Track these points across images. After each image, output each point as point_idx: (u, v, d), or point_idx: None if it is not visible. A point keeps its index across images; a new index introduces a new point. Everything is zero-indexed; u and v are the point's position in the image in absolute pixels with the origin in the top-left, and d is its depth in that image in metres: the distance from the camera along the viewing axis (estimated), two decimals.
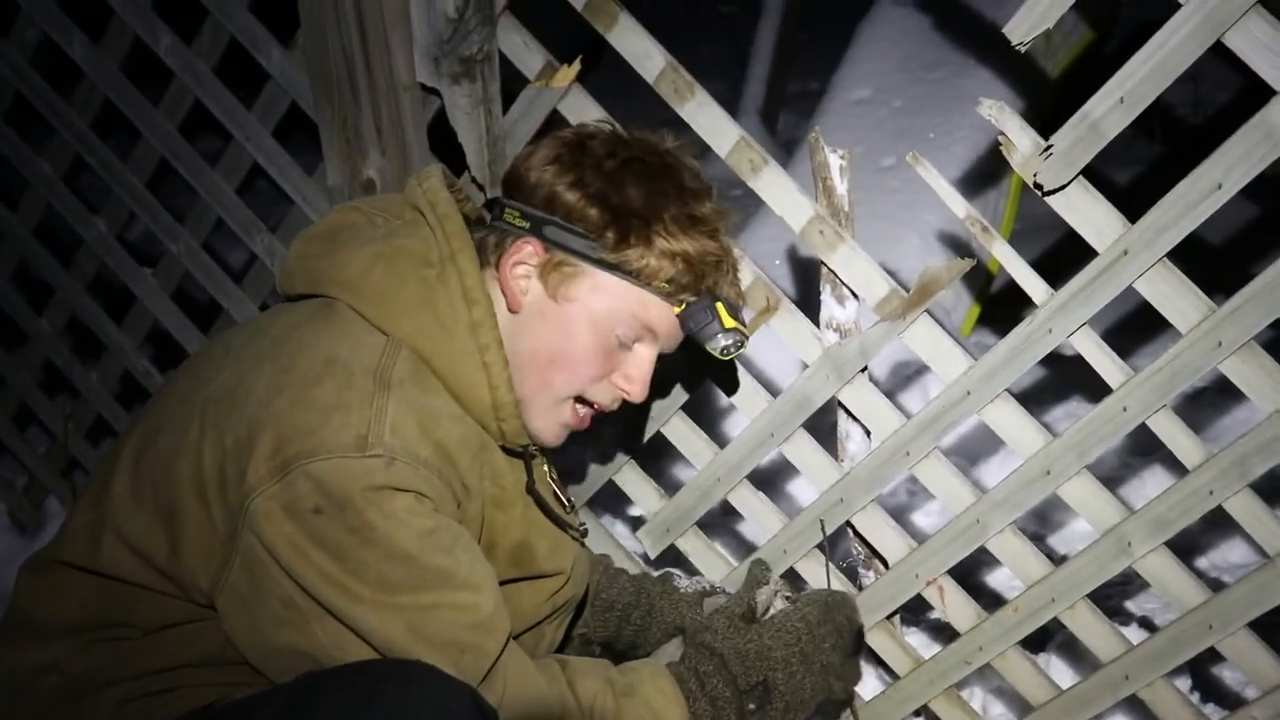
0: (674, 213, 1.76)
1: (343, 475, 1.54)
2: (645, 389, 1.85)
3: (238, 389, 1.64)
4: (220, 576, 1.59)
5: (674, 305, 1.79)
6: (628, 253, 1.74)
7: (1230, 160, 1.71)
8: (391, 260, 1.75)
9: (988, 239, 1.96)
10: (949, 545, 2.12)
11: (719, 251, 1.80)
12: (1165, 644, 1.97)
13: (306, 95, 2.46)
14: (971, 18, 4.34)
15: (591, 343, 1.77)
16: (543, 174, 1.79)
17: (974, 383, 2.00)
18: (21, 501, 3.66)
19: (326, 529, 1.54)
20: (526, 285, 1.78)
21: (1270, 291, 1.73)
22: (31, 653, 1.70)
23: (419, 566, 1.57)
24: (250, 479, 1.55)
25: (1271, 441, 1.79)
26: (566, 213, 1.76)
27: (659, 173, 1.79)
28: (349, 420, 1.57)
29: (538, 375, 1.78)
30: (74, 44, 2.85)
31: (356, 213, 1.85)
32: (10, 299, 3.37)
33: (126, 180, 2.93)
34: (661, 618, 2.14)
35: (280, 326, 1.75)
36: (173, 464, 1.62)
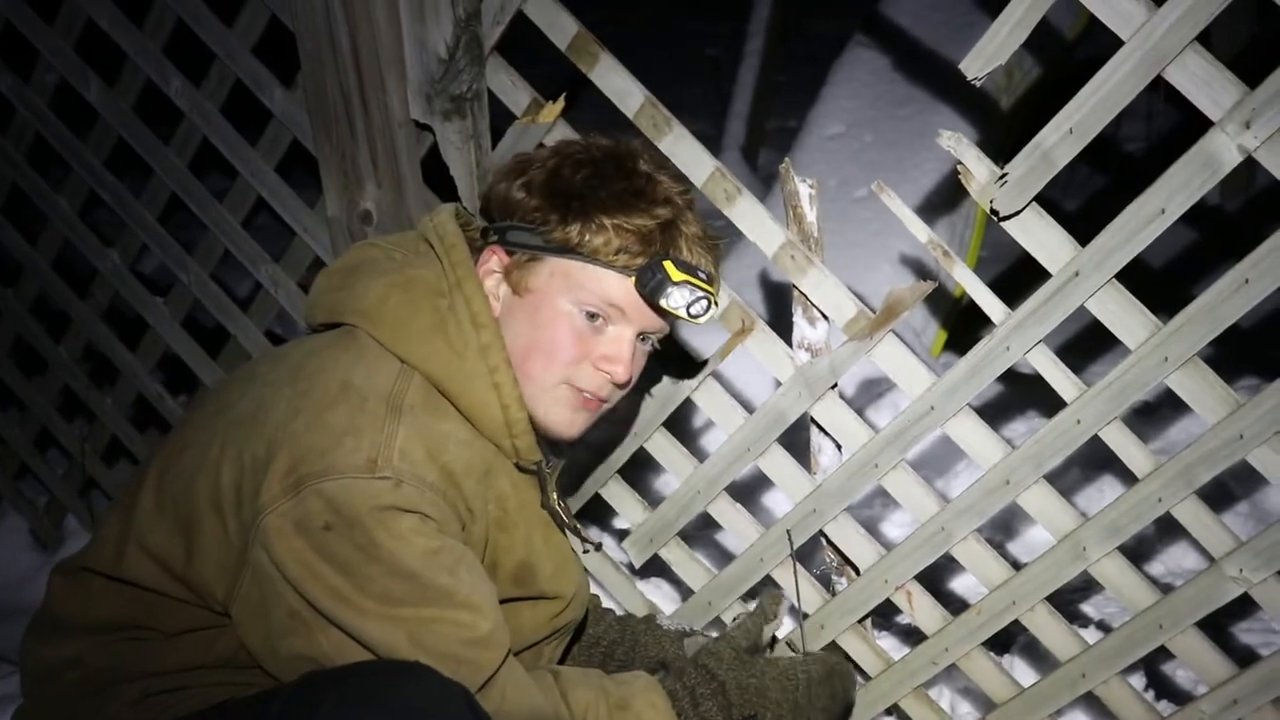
0: (614, 188, 1.74)
1: (352, 495, 1.55)
2: (628, 369, 1.80)
3: (258, 411, 1.65)
4: (234, 587, 1.60)
5: (628, 275, 1.74)
6: (570, 230, 1.72)
7: (1172, 187, 1.74)
8: (406, 290, 1.75)
9: (949, 263, 1.97)
10: (916, 551, 2.12)
11: (666, 215, 1.76)
12: (1119, 643, 1.98)
13: (307, 132, 2.47)
14: (937, 58, 4.36)
15: (558, 325, 1.75)
16: (498, 187, 1.81)
17: (937, 398, 2.01)
18: (42, 520, 3.66)
19: (335, 545, 1.54)
20: (497, 290, 1.78)
21: (1211, 310, 1.75)
22: (59, 648, 1.71)
23: (421, 584, 1.57)
24: (264, 496, 1.55)
25: (1215, 451, 1.81)
26: (518, 212, 1.76)
27: (601, 158, 1.78)
28: (360, 444, 1.58)
29: (520, 369, 1.76)
30: (90, 87, 2.87)
31: (375, 248, 1.86)
32: (30, 328, 3.37)
33: (139, 214, 2.94)
34: (645, 653, 2.12)
35: (301, 353, 1.75)
36: (194, 480, 1.63)
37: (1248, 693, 1.90)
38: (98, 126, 2.92)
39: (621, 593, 2.50)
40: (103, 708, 1.66)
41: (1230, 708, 1.92)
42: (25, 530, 3.70)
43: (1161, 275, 4.24)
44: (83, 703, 1.68)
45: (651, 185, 1.77)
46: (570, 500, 2.44)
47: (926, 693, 2.25)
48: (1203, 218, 5.05)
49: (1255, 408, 1.76)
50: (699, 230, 1.81)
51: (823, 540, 2.27)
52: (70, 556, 1.79)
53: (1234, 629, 2.65)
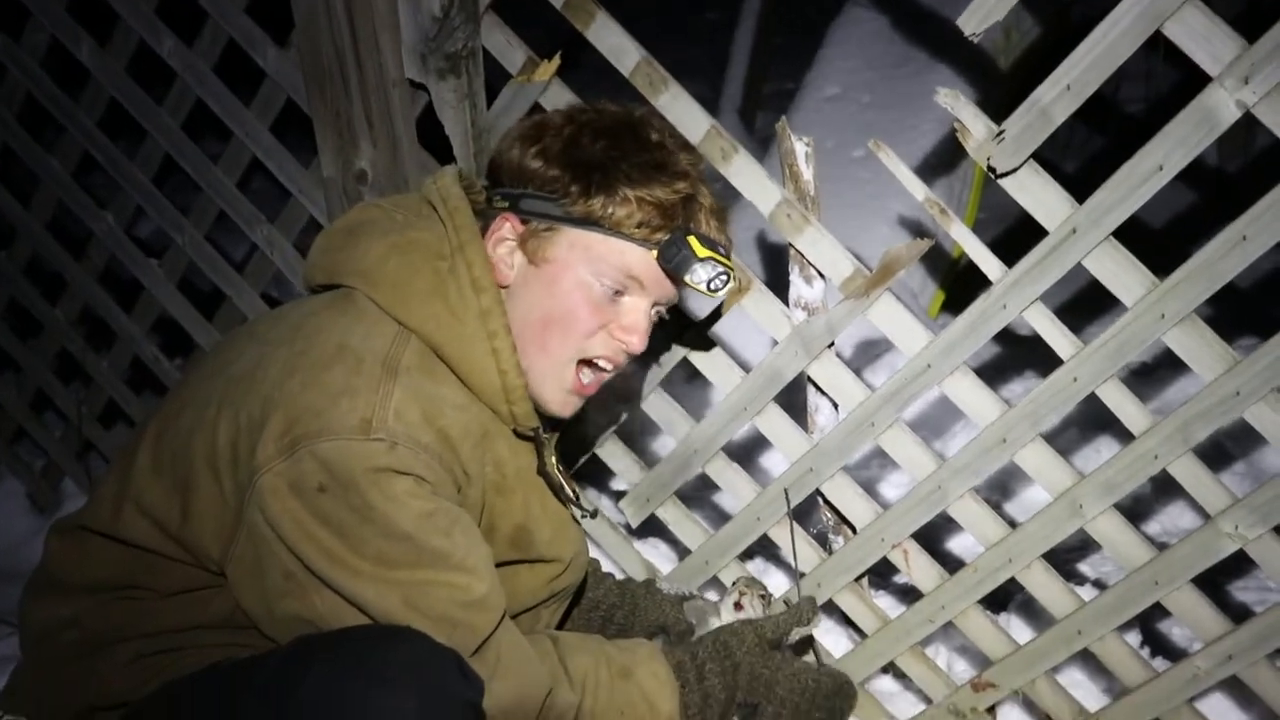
0: (635, 159, 1.73)
1: (347, 456, 1.54)
2: (644, 339, 1.80)
3: (255, 370, 1.64)
4: (229, 547, 1.59)
5: (649, 248, 1.74)
6: (593, 203, 1.71)
7: (1170, 143, 1.73)
8: (406, 252, 1.74)
9: (946, 221, 1.96)
10: (913, 510, 2.13)
11: (686, 189, 1.76)
12: (1115, 600, 1.99)
13: (301, 92, 2.46)
14: (934, 19, 4.34)
15: (577, 296, 1.74)
16: (510, 153, 1.78)
17: (934, 356, 2.01)
18: (39, 483, 3.66)
19: (329, 506, 1.54)
20: (511, 259, 1.77)
21: (1209, 267, 1.75)
22: (55, 608, 1.71)
23: (416, 545, 1.57)
24: (259, 456, 1.55)
25: (1212, 408, 1.81)
26: (535, 180, 1.74)
27: (617, 127, 1.77)
28: (356, 404, 1.57)
29: (535, 341, 1.76)
30: (82, 47, 2.85)
31: (376, 209, 1.84)
32: (26, 291, 3.36)
33: (133, 176, 2.93)
34: (644, 617, 2.14)
35: (299, 314, 1.75)
36: (191, 439, 1.62)
37: (1243, 648, 1.91)
38: (90, 87, 2.91)
39: (619, 553, 2.51)
40: (97, 668, 1.67)
41: (1225, 663, 1.93)
42: (22, 493, 3.71)
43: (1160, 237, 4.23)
44: (79, 663, 1.68)
45: (670, 157, 1.77)
46: (569, 462, 2.43)
47: (923, 650, 2.26)
48: (1201, 178, 5.05)
49: (1252, 364, 1.76)
50: (714, 202, 1.81)
51: (820, 499, 2.27)
52: (67, 515, 1.79)
53: (1230, 587, 2.67)
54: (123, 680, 1.66)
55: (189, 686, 1.62)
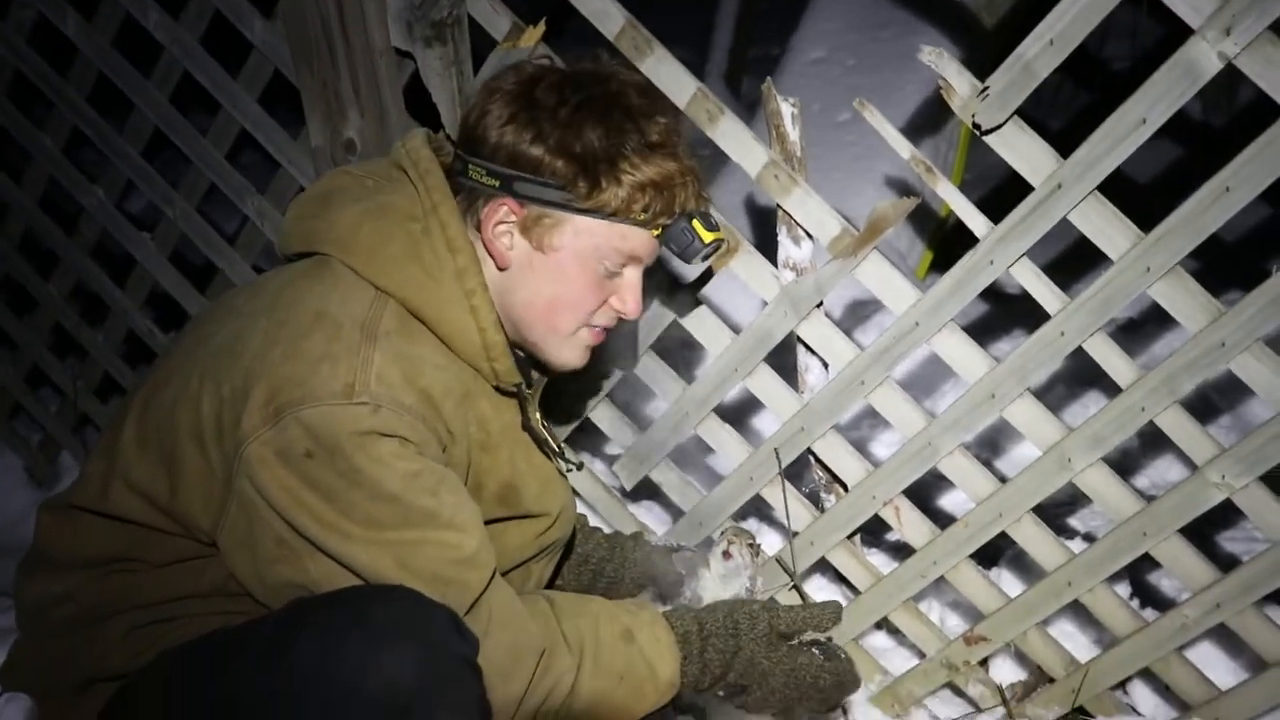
0: (633, 144, 1.72)
1: (331, 421, 1.55)
2: (640, 306, 1.84)
3: (235, 343, 1.64)
4: (220, 518, 1.60)
5: (651, 230, 1.76)
6: (602, 196, 1.71)
7: (1153, 96, 1.73)
8: (379, 217, 1.74)
9: (932, 179, 1.96)
10: (903, 467, 2.13)
11: (683, 170, 1.76)
12: (1104, 551, 2.00)
13: (288, 63, 2.45)
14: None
15: (584, 280, 1.76)
16: (502, 135, 1.73)
17: (922, 314, 2.01)
18: (37, 457, 3.66)
19: (317, 472, 1.55)
20: (510, 241, 1.76)
21: (1193, 219, 1.75)
22: (48, 584, 1.72)
23: (404, 506, 1.58)
24: (245, 426, 1.55)
25: (1198, 359, 1.81)
26: (534, 167, 1.72)
27: (608, 105, 1.74)
28: (337, 370, 1.58)
29: (542, 321, 1.78)
30: (68, 22, 2.83)
31: (347, 176, 1.84)
32: (19, 267, 3.36)
33: (123, 150, 2.92)
34: (634, 570, 2.14)
35: (276, 284, 1.75)
36: (174, 413, 1.62)
37: (1230, 596, 1.92)
38: (77, 62, 2.89)
39: (613, 515, 2.51)
40: (93, 641, 1.67)
41: (1213, 611, 1.94)
42: (20, 468, 3.71)
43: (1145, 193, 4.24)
44: (74, 637, 1.69)
45: (665, 132, 1.76)
46: (559, 426, 2.44)
47: (916, 606, 2.26)
48: (1186, 133, 5.05)
49: (1237, 315, 1.76)
50: (697, 168, 1.81)
51: (811, 458, 2.27)
52: (57, 494, 1.80)
53: (1217, 538, 2.68)
54: (119, 652, 1.66)
55: (185, 655, 1.63)
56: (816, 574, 2.48)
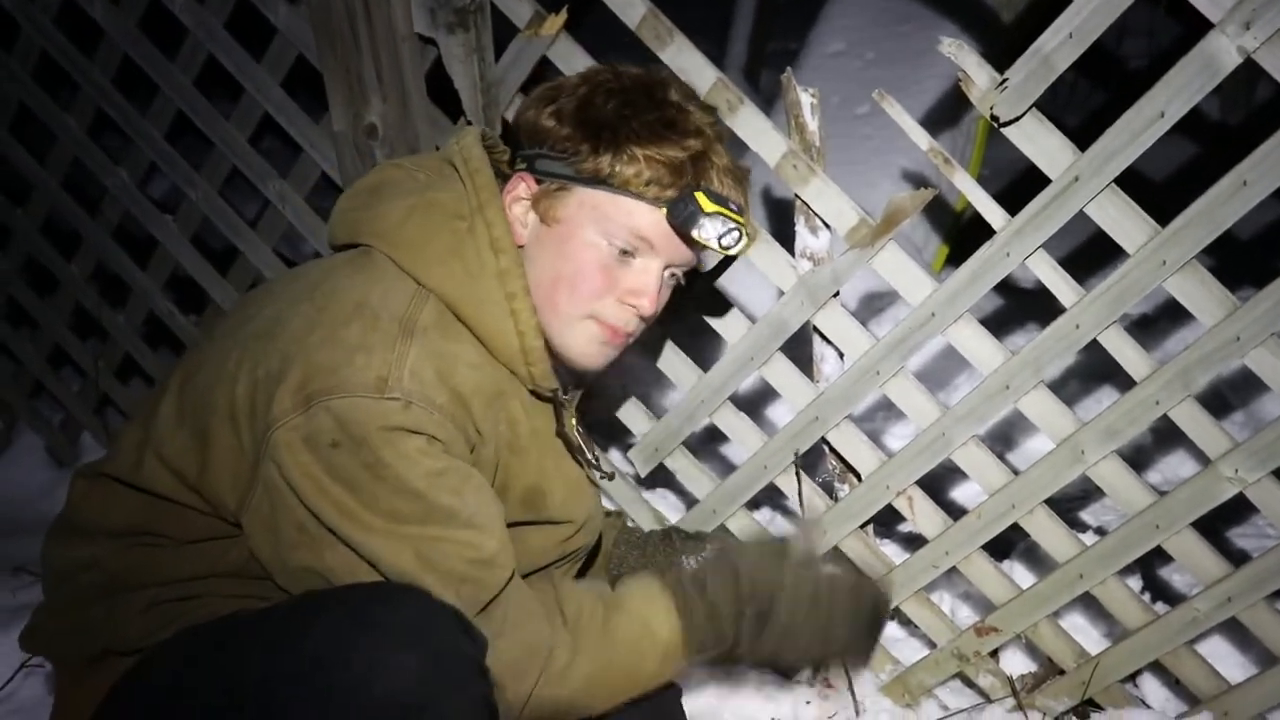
0: (646, 118, 1.71)
1: (361, 414, 1.54)
2: (654, 302, 1.77)
3: (275, 326, 1.64)
4: (246, 499, 1.60)
5: (658, 206, 1.72)
6: (601, 160, 1.70)
7: (1171, 90, 1.72)
8: (425, 212, 1.74)
9: (949, 170, 1.95)
10: (917, 457, 2.13)
11: (697, 146, 1.73)
12: (1116, 544, 1.99)
13: (312, 48, 2.45)
14: None
15: (586, 257, 1.73)
16: (527, 113, 1.78)
17: (938, 305, 2.01)
18: (58, 437, 3.68)
19: (342, 462, 1.54)
20: (525, 218, 1.76)
21: (1210, 213, 1.74)
22: (77, 549, 1.72)
23: (427, 503, 1.57)
24: (275, 409, 1.55)
25: (1212, 353, 1.81)
26: (548, 140, 1.73)
27: (631, 87, 1.75)
28: (371, 362, 1.57)
29: (548, 301, 1.75)
30: (94, 4, 2.84)
31: (399, 169, 1.83)
32: (42, 247, 3.37)
33: (147, 133, 2.93)
34: (654, 561, 2.13)
35: (319, 272, 1.75)
36: (211, 391, 1.62)
37: (1241, 590, 1.91)
38: (103, 44, 2.90)
39: (628, 503, 2.51)
40: (114, 612, 1.68)
41: (1224, 605, 1.93)
42: (41, 447, 3.73)
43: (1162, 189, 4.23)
44: (96, 605, 1.69)
45: (683, 116, 1.74)
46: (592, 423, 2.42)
47: (928, 596, 2.26)
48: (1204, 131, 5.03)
49: (1252, 309, 1.75)
50: (729, 162, 1.78)
51: (825, 448, 2.27)
52: (92, 461, 1.80)
53: (1229, 533, 2.67)
54: (138, 626, 1.67)
55: (199, 637, 1.63)
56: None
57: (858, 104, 4.08)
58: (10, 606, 2.79)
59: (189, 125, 2.85)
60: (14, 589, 2.88)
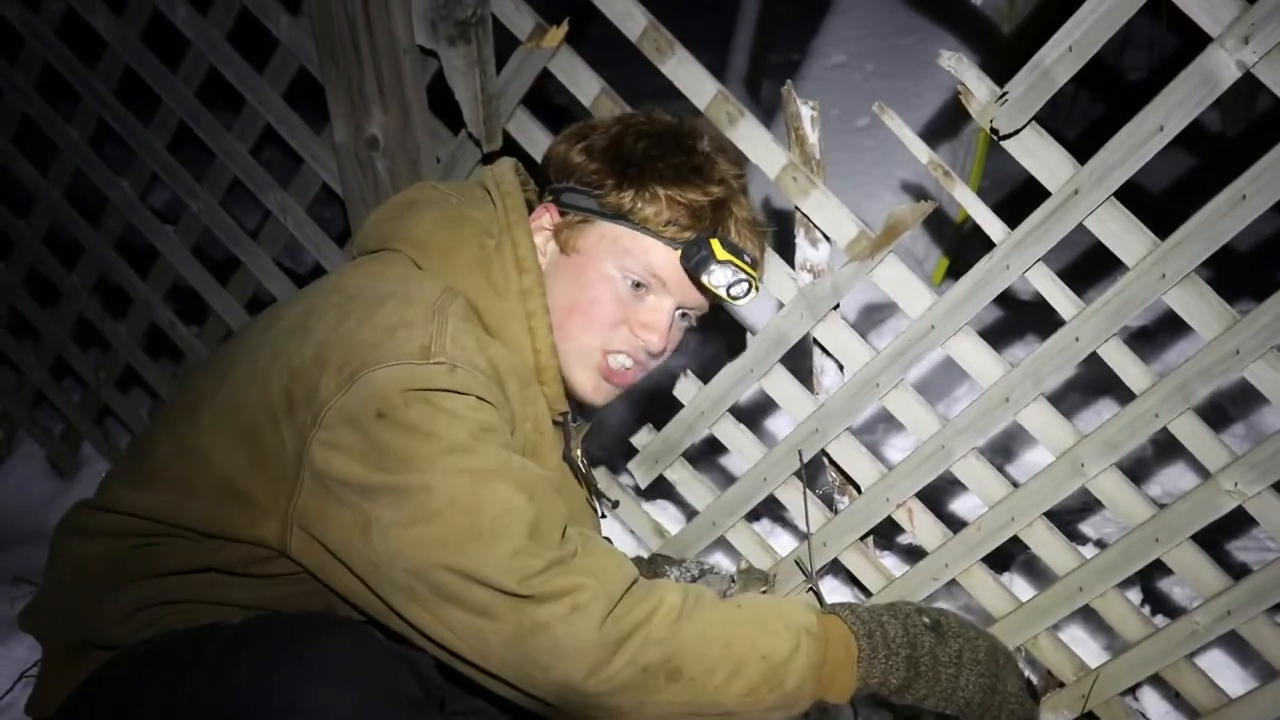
0: (673, 160, 1.74)
1: (406, 379, 1.50)
2: (664, 339, 1.79)
3: (306, 320, 1.62)
4: (294, 494, 1.53)
5: (674, 248, 1.74)
6: (624, 196, 1.72)
7: (1171, 103, 1.72)
8: (455, 225, 1.75)
9: (949, 183, 1.95)
10: (916, 470, 2.13)
11: (720, 194, 1.76)
12: (1115, 557, 1.99)
13: (313, 59, 2.45)
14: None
15: (601, 288, 1.75)
16: (558, 148, 1.81)
17: (938, 317, 2.01)
18: (59, 447, 3.68)
19: (388, 432, 1.49)
20: (545, 247, 1.78)
21: (1209, 226, 1.74)
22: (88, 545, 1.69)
23: (477, 453, 1.51)
24: (320, 395, 1.51)
25: (1212, 366, 1.80)
26: (576, 174, 1.77)
27: (664, 131, 1.78)
28: (412, 334, 1.55)
29: (561, 329, 1.76)
30: (97, 15, 2.84)
31: (433, 189, 1.85)
32: (44, 257, 3.37)
33: (149, 144, 2.93)
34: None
35: (346, 272, 1.76)
36: (246, 392, 1.58)
37: (1241, 604, 1.91)
38: (106, 55, 2.90)
39: (628, 514, 2.51)
40: (101, 605, 1.65)
41: (1224, 619, 1.93)
42: (42, 458, 3.73)
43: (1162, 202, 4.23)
44: (88, 596, 1.66)
45: (709, 164, 1.77)
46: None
47: None
48: (1204, 144, 5.03)
49: (1252, 323, 1.75)
50: (749, 215, 1.81)
51: (825, 460, 2.27)
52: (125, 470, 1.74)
53: (1229, 546, 2.67)
54: (120, 624, 1.64)
55: (158, 649, 1.61)
56: (829, 575, 2.47)
57: (858, 116, 4.09)
58: (9, 617, 2.77)
59: (191, 136, 2.85)
60: (13, 599, 2.87)
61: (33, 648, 2.58)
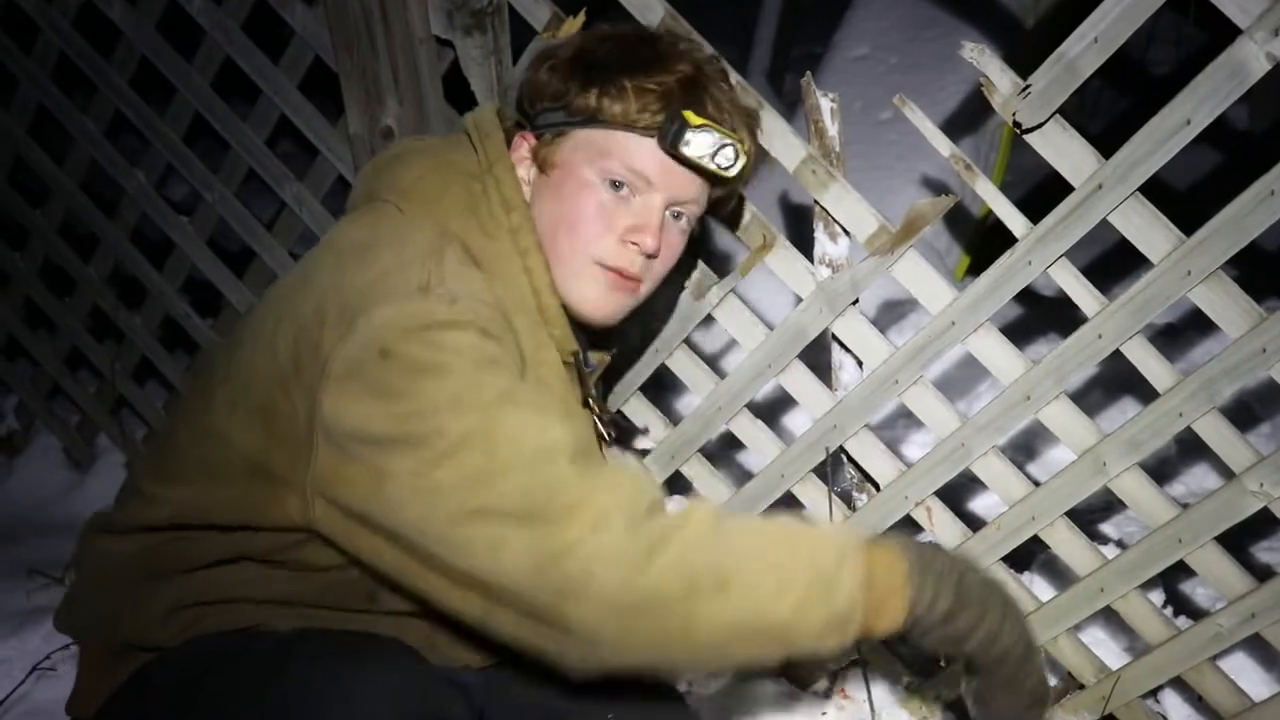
0: (636, 53, 1.69)
1: (407, 316, 1.45)
2: (656, 238, 1.70)
3: (303, 281, 1.59)
4: (309, 457, 1.48)
5: (650, 135, 1.67)
6: (589, 97, 1.68)
7: (1198, 97, 1.69)
8: (441, 171, 1.73)
9: (971, 177, 1.93)
10: (936, 468, 2.11)
11: (688, 71, 1.69)
12: (1138, 557, 1.97)
13: (329, 49, 2.44)
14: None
15: (582, 197, 1.70)
16: (527, 73, 1.79)
17: (959, 313, 1.99)
18: (75, 439, 3.68)
19: (392, 374, 1.43)
20: (528, 174, 1.75)
21: (1237, 223, 1.71)
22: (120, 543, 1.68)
23: (484, 387, 1.45)
24: (324, 348, 1.46)
25: (1238, 365, 1.78)
26: (545, 92, 1.73)
27: (629, 33, 1.74)
28: (409, 275, 1.51)
29: (550, 250, 1.71)
30: (112, 5, 2.83)
31: (419, 141, 1.85)
32: (59, 249, 3.37)
33: (164, 135, 2.92)
34: None
35: (337, 230, 1.72)
36: (255, 365, 1.55)
37: (1266, 606, 1.88)
38: (121, 46, 2.89)
39: None
40: (139, 606, 1.64)
41: (1248, 621, 1.91)
42: (59, 449, 3.73)
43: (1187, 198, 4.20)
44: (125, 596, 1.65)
45: (673, 50, 1.72)
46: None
47: None
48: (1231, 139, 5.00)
49: (1279, 321, 1.73)
50: (729, 97, 1.74)
51: (843, 457, 2.25)
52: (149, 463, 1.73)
53: (1253, 548, 2.64)
54: (159, 624, 1.63)
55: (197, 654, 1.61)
56: None
57: (881, 109, 4.06)
58: (25, 609, 2.79)
59: (206, 127, 2.85)
60: (29, 591, 2.88)
61: (46, 640, 2.58)
